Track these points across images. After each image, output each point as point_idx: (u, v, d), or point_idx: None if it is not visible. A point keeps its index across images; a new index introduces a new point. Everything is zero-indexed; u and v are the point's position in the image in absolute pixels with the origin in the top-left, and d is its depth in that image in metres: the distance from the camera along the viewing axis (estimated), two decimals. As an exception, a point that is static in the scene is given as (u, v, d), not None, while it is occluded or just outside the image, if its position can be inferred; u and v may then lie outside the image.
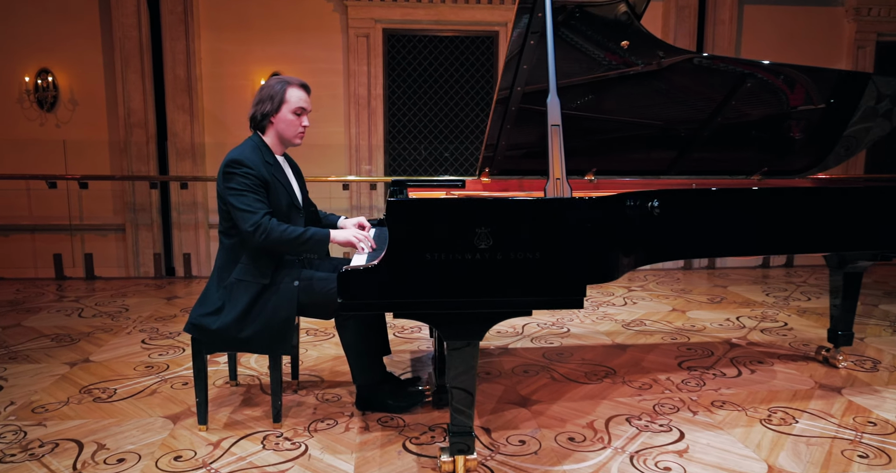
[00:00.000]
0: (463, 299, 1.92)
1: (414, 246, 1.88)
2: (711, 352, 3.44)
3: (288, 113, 2.40)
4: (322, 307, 2.38)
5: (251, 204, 2.26)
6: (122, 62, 5.40)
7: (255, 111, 2.43)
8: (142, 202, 5.58)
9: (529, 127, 3.08)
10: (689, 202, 2.44)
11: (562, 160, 2.01)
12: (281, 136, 2.45)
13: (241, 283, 2.34)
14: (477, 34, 5.87)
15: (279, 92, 2.39)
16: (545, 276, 1.93)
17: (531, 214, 1.92)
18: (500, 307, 1.95)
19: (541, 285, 1.93)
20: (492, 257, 1.90)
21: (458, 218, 1.89)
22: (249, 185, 2.28)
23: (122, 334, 3.77)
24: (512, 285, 1.92)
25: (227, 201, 2.31)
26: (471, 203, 1.91)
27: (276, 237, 2.25)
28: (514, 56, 2.48)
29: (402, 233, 1.89)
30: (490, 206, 1.91)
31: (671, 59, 2.95)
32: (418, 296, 1.91)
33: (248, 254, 2.35)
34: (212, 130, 5.68)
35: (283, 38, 5.63)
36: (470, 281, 1.91)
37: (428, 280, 1.90)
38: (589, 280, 1.96)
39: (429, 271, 1.89)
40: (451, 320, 1.95)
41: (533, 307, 1.96)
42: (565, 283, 1.94)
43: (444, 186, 3.32)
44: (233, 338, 2.32)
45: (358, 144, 5.82)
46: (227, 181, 2.30)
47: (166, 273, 5.64)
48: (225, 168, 2.30)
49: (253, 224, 2.25)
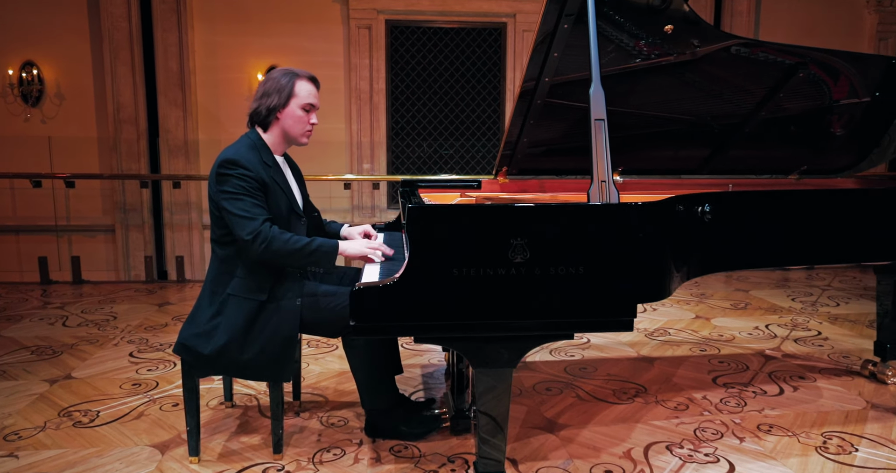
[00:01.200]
0: (495, 321, 1.66)
1: (439, 260, 1.62)
2: (746, 366, 3.19)
3: (296, 108, 2.15)
4: (328, 324, 2.12)
5: (248, 209, 2.00)
6: (111, 55, 5.11)
7: (260, 105, 2.15)
8: (132, 202, 5.30)
9: (552, 122, 2.83)
10: (745, 206, 2.18)
11: (607, 160, 1.75)
12: (286, 134, 2.19)
13: (235, 299, 2.08)
14: (484, 26, 5.60)
15: (287, 85, 2.13)
16: (590, 294, 1.67)
17: (574, 222, 1.66)
18: (537, 330, 1.69)
19: (585, 305, 1.67)
20: (528, 272, 1.64)
21: (490, 227, 1.63)
22: (246, 188, 2.02)
23: (108, 345, 3.49)
24: (552, 305, 1.66)
25: (221, 206, 2.04)
26: (505, 210, 1.65)
27: (277, 248, 1.99)
28: (543, 42, 2.21)
29: (425, 245, 1.62)
30: (527, 213, 1.65)
31: (707, 48, 2.68)
32: (443, 318, 1.64)
33: (244, 266, 2.09)
34: (206, 127, 5.39)
35: (280, 30, 5.35)
36: (503, 301, 1.65)
37: (454, 300, 1.63)
38: (640, 298, 1.71)
39: (455, 290, 1.63)
40: (481, 345, 1.69)
41: (576, 330, 1.70)
42: (613, 302, 1.68)
43: (458, 186, 3.05)
44: (227, 363, 2.06)
45: (359, 140, 5.55)
46: (220, 184, 2.04)
47: (158, 277, 5.36)
48: (218, 169, 2.04)
49: (251, 232, 1.98)
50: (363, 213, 5.62)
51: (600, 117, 1.77)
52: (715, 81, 2.86)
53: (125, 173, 5.21)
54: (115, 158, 5.22)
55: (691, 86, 2.89)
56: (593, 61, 1.80)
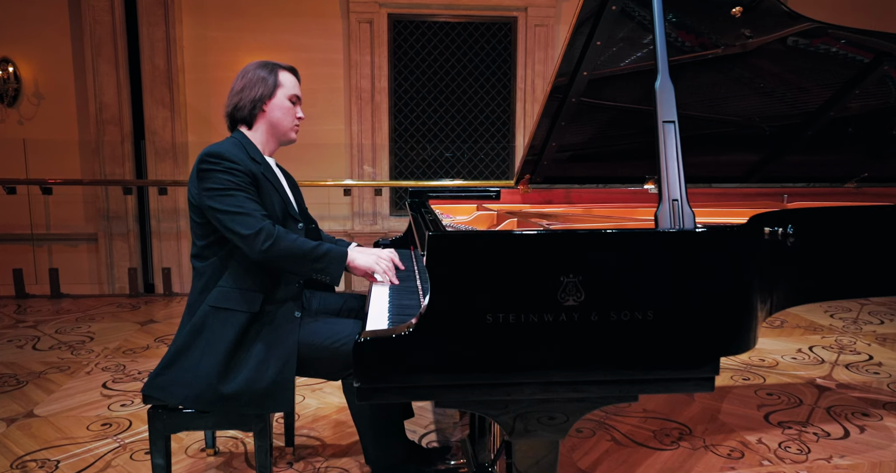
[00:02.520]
0: (541, 381, 1.29)
1: (468, 304, 1.25)
2: (799, 400, 2.82)
3: (284, 99, 1.86)
4: (326, 364, 1.76)
5: (243, 204, 1.68)
6: (92, 51, 4.74)
7: (241, 100, 1.84)
8: (116, 209, 4.93)
9: (582, 124, 2.46)
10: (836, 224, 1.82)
11: (680, 174, 1.38)
12: (275, 128, 1.88)
13: (218, 314, 1.71)
14: (493, 20, 5.23)
15: (271, 75, 1.86)
16: (662, 346, 1.30)
17: (642, 254, 1.29)
18: (594, 392, 1.32)
19: (655, 360, 1.30)
20: (583, 318, 1.27)
21: (534, 261, 1.26)
22: (235, 182, 1.70)
23: (80, 374, 3.12)
24: (613, 360, 1.29)
25: (207, 206, 1.69)
26: (553, 239, 1.28)
27: (284, 247, 1.68)
28: (584, 26, 1.84)
29: (451, 284, 1.25)
30: (581, 243, 1.28)
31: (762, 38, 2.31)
32: (473, 378, 1.28)
33: (231, 272, 1.75)
34: (195, 128, 5.02)
35: (276, 25, 4.98)
36: (551, 355, 1.28)
37: (488, 355, 1.27)
38: (724, 350, 1.34)
39: (490, 341, 1.26)
40: (523, 412, 1.32)
41: (643, 390, 1.33)
42: (691, 355, 1.31)
43: (474, 197, 2.69)
44: (210, 397, 1.67)
45: (360, 143, 5.18)
46: (203, 180, 1.70)
47: (144, 290, 4.98)
48: (199, 165, 1.71)
49: (252, 227, 1.66)
50: (364, 220, 5.26)
51: (670, 119, 1.40)
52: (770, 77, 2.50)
53: (108, 179, 4.84)
54: (98, 161, 4.85)
55: (740, 83, 2.52)
56: (659, 46, 1.43)
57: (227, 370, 1.68)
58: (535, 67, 5.23)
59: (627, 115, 2.50)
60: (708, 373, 1.32)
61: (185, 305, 1.83)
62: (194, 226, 1.79)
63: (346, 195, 5.07)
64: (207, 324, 1.71)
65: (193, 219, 1.79)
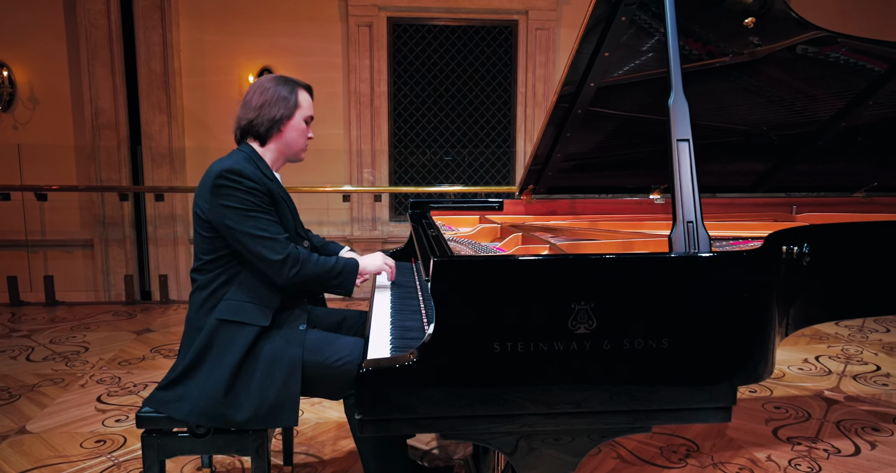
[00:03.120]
0: (551, 413, 1.23)
1: (475, 332, 1.20)
2: (808, 413, 2.77)
3: (300, 120, 1.84)
4: (328, 382, 1.72)
5: (266, 228, 1.68)
6: (88, 55, 4.68)
7: (259, 117, 1.78)
8: (112, 215, 4.86)
9: (588, 133, 2.41)
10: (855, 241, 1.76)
11: (695, 194, 1.32)
12: (288, 149, 1.86)
13: (227, 327, 1.67)
14: (494, 23, 5.18)
15: (291, 95, 1.82)
16: (677, 375, 1.25)
17: (656, 279, 1.24)
18: (606, 423, 1.26)
19: (670, 390, 1.25)
20: (595, 346, 1.22)
21: (544, 288, 1.21)
22: (257, 203, 1.68)
23: (74, 386, 3.06)
24: (626, 391, 1.24)
25: (226, 226, 1.66)
26: (563, 265, 1.22)
27: (309, 271, 1.72)
28: (591, 36, 1.79)
29: (457, 312, 1.20)
30: (592, 268, 1.23)
31: (771, 46, 2.26)
32: (480, 408, 1.22)
33: (242, 286, 1.72)
34: (192, 133, 4.96)
35: (274, 28, 4.92)
36: (561, 385, 1.22)
37: (496, 385, 1.21)
38: (741, 378, 1.28)
39: (497, 371, 1.21)
40: (531, 445, 1.26)
41: (657, 421, 1.27)
42: (707, 385, 1.26)
43: (476, 208, 2.63)
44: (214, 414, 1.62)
45: (359, 148, 5.12)
46: (220, 197, 1.66)
47: (140, 297, 4.92)
48: (217, 180, 1.66)
49: (280, 253, 1.67)
50: (363, 226, 5.20)
51: (685, 137, 1.35)
52: (778, 86, 2.44)
53: (104, 184, 4.77)
54: (94, 167, 4.79)
55: (748, 91, 2.47)
56: (672, 60, 1.38)
57: (234, 384, 1.64)
58: (535, 70, 5.18)
59: (633, 123, 2.45)
60: (725, 403, 1.27)
61: (181, 312, 1.80)
62: (200, 240, 1.73)
63: (345, 201, 5.01)
64: (217, 338, 1.68)
65: (200, 233, 1.73)
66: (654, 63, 2.07)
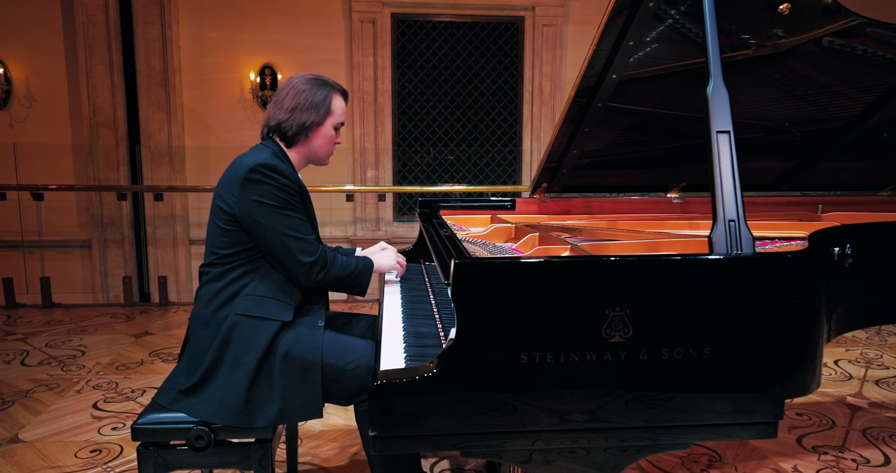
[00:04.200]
0: (583, 429, 1.13)
1: (500, 342, 1.10)
2: (832, 421, 2.66)
3: (330, 128, 1.76)
4: (338, 387, 1.62)
5: (299, 228, 1.64)
6: (86, 51, 4.58)
7: (290, 120, 1.70)
8: (110, 215, 4.76)
9: (608, 129, 2.31)
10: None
11: (737, 190, 1.22)
12: (313, 154, 1.78)
13: (247, 322, 1.59)
14: (500, 20, 5.07)
15: (325, 100, 1.73)
16: (720, 387, 1.14)
17: (697, 283, 1.13)
18: (641, 440, 1.16)
19: (713, 404, 1.14)
20: (631, 356, 1.11)
21: (576, 293, 1.10)
22: (289, 201, 1.63)
23: (70, 392, 2.96)
24: (665, 405, 1.14)
25: (255, 220, 1.60)
26: (597, 266, 1.12)
27: (334, 275, 1.69)
28: (615, 22, 1.69)
29: (480, 319, 1.10)
30: (628, 272, 1.12)
31: (797, 37, 2.15)
32: (506, 425, 1.12)
33: (263, 281, 1.65)
34: (192, 131, 4.86)
35: (275, 25, 4.82)
36: (594, 398, 1.12)
37: (522, 399, 1.11)
38: (789, 391, 1.18)
39: (524, 384, 1.11)
40: (563, 465, 1.16)
41: (697, 437, 1.17)
42: (753, 398, 1.15)
43: (487, 207, 2.53)
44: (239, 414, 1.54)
45: (363, 146, 5.02)
46: (252, 192, 1.59)
47: (139, 299, 4.82)
48: (249, 173, 1.59)
49: (310, 256, 1.64)
50: (367, 226, 5.10)
51: (725, 128, 1.24)
52: (802, 80, 2.34)
53: (102, 184, 4.67)
54: (92, 166, 4.68)
55: (771, 86, 2.37)
56: (711, 47, 1.28)
57: (258, 381, 1.57)
58: (542, 68, 5.07)
59: (651, 119, 2.35)
60: (771, 417, 1.17)
61: (181, 315, 1.72)
62: (220, 233, 1.65)
63: (348, 201, 4.91)
64: (237, 334, 1.60)
65: (221, 226, 1.64)
66: (681, 54, 1.97)
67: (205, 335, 1.63)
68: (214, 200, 1.68)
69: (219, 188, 1.67)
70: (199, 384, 1.58)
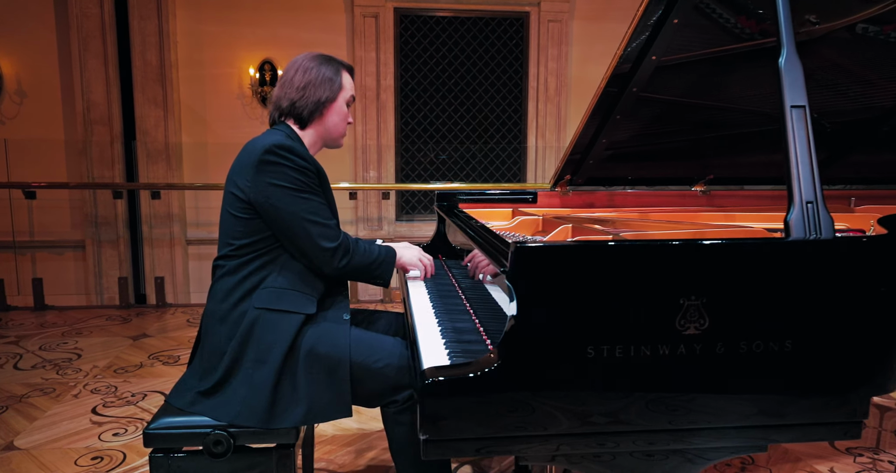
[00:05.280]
0: (653, 430, 1.03)
1: (565, 335, 0.99)
2: (862, 421, 2.58)
3: (343, 103, 1.68)
4: (366, 387, 1.52)
5: (319, 212, 1.53)
6: (80, 45, 4.44)
7: (304, 98, 1.61)
8: (105, 215, 4.62)
9: (636, 119, 2.22)
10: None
11: (815, 169, 1.13)
12: (327, 134, 1.69)
13: (270, 316, 1.49)
14: (504, 15, 4.99)
15: (336, 75, 1.65)
16: (801, 384, 1.05)
17: (779, 269, 1.04)
18: (714, 442, 1.06)
19: (794, 402, 1.05)
20: (706, 350, 1.02)
21: (650, 280, 1.00)
22: (309, 184, 1.53)
23: (66, 397, 2.82)
24: (741, 403, 1.04)
25: (271, 205, 1.49)
26: (673, 251, 1.02)
27: (358, 262, 1.59)
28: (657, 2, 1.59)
29: (544, 311, 0.99)
30: (706, 256, 1.02)
31: (829, 24, 2.08)
32: (570, 425, 1.01)
33: (284, 272, 1.54)
34: (190, 128, 4.73)
35: (275, 19, 4.71)
36: (667, 397, 1.02)
37: (591, 397, 1.01)
38: (877, 387, 1.08)
39: (592, 381, 1.00)
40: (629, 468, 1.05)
41: (776, 439, 1.07)
42: (837, 395, 1.06)
43: (509, 200, 2.43)
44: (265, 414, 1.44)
45: (365, 144, 4.91)
46: (269, 175, 1.49)
47: (135, 301, 4.67)
48: (265, 156, 1.49)
49: (332, 241, 1.53)
50: (370, 225, 4.98)
51: (800, 103, 1.15)
52: (833, 70, 2.26)
53: (97, 182, 4.53)
54: (86, 163, 4.54)
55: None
56: (783, 13, 1.19)
57: (283, 379, 1.46)
58: (548, 64, 4.99)
59: (681, 109, 2.27)
60: (857, 416, 1.07)
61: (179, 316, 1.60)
62: (235, 222, 1.54)
63: (351, 199, 4.79)
64: (257, 329, 1.49)
65: (235, 215, 1.54)
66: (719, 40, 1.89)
67: (222, 333, 1.52)
68: (227, 187, 1.57)
69: (231, 174, 1.57)
70: (219, 384, 1.47)
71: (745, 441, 1.07)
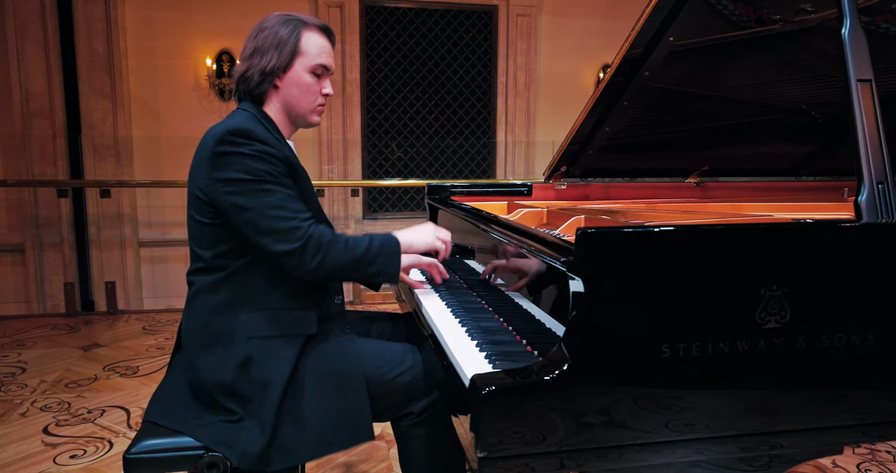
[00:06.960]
0: (738, 434, 0.93)
1: (639, 332, 0.88)
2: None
3: (303, 72, 1.39)
4: (380, 400, 1.36)
5: (284, 204, 1.28)
6: (16, 30, 4.08)
7: (250, 68, 1.38)
8: (47, 215, 4.25)
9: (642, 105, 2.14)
10: None
11: (884, 148, 1.05)
12: (289, 110, 1.42)
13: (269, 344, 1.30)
14: (472, 8, 4.88)
15: (291, 37, 1.37)
16: (884, 380, 0.97)
17: (861, 256, 0.95)
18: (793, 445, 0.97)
19: (875, 400, 0.97)
20: (787, 345, 0.92)
21: (730, 269, 0.90)
22: (271, 172, 1.28)
23: (12, 416, 2.53)
24: (821, 402, 0.95)
25: (231, 204, 1.26)
26: (757, 236, 0.92)
27: (337, 258, 1.31)
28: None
29: (615, 306, 0.88)
30: (789, 242, 0.93)
31: (825, 12, 2.05)
32: (647, 433, 0.90)
33: (273, 289, 1.33)
34: (141, 121, 4.42)
35: (233, 7, 4.45)
36: (746, 398, 0.92)
37: (670, 400, 0.89)
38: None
39: (669, 382, 0.89)
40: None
41: (857, 440, 0.99)
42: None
43: (503, 193, 2.32)
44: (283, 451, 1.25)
45: (330, 138, 4.71)
46: (223, 168, 1.26)
47: (82, 308, 4.32)
48: (218, 147, 1.27)
49: (299, 239, 1.27)
50: (336, 223, 4.77)
51: (866, 77, 1.08)
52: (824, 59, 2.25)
53: (38, 179, 4.17)
54: (24, 159, 4.17)
55: (791, 65, 2.26)
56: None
57: (287, 410, 1.27)
58: (516, 59, 4.92)
59: (679, 98, 2.21)
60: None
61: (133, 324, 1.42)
62: (199, 229, 1.33)
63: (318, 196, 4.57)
64: (253, 362, 1.29)
65: (199, 220, 1.33)
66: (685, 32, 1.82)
67: (213, 363, 1.31)
68: (189, 187, 1.35)
69: (192, 171, 1.34)
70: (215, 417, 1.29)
71: (828, 445, 0.98)
